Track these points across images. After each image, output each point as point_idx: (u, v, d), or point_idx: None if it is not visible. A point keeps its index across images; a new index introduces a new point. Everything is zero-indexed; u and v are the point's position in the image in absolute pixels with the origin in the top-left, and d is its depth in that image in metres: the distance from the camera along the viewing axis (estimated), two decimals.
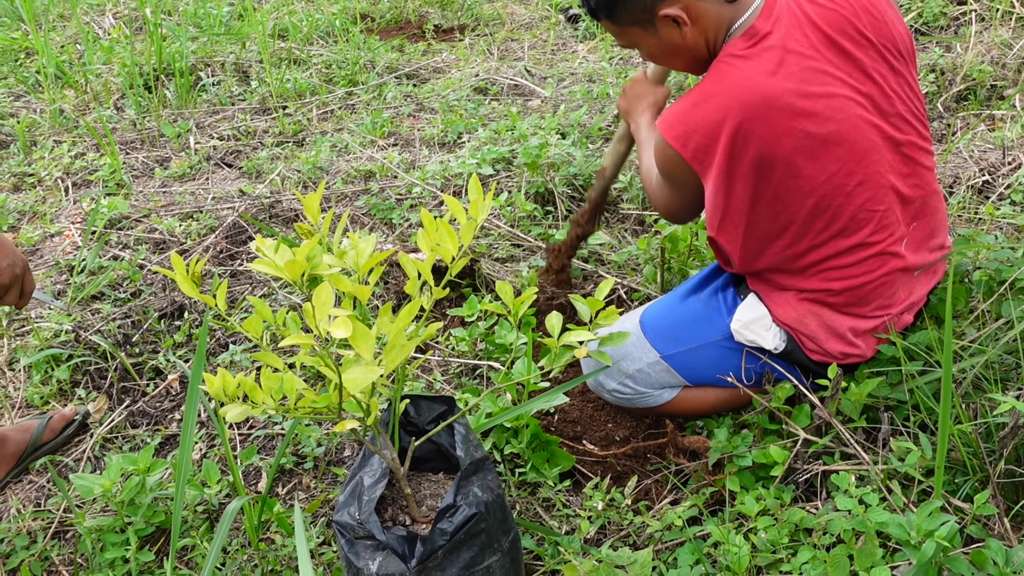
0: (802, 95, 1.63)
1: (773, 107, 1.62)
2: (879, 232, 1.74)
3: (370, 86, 4.23)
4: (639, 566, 1.55)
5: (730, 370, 1.89)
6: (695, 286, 1.98)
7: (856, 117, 1.67)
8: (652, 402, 1.97)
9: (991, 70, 3.42)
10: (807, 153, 1.65)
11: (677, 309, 1.95)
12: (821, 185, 1.68)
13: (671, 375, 1.93)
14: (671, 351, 1.91)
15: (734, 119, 1.63)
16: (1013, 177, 2.78)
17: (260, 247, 1.32)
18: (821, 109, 1.64)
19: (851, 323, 1.79)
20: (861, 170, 1.69)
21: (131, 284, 2.77)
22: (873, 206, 1.72)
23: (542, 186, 3.01)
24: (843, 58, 1.68)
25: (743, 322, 1.85)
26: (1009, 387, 1.72)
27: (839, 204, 1.70)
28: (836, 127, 1.65)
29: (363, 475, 1.52)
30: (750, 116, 1.62)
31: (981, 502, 1.37)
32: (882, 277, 1.77)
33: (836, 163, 1.68)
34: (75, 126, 3.98)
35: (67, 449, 2.22)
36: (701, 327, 1.90)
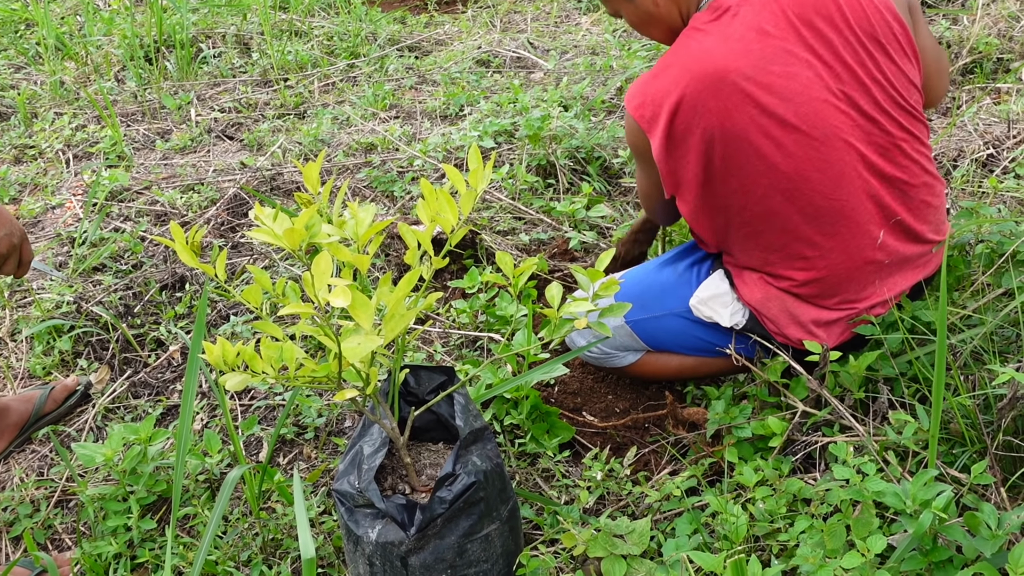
0: (759, 72, 1.60)
1: (724, 81, 1.59)
2: (846, 225, 1.69)
3: (372, 58, 4.21)
4: (637, 535, 1.56)
5: (691, 340, 1.91)
6: (677, 255, 1.98)
7: (821, 102, 1.62)
8: (617, 363, 2.02)
9: (998, 43, 3.39)
10: (763, 132, 1.62)
11: (650, 276, 1.96)
12: (779, 167, 1.64)
13: (633, 339, 1.96)
14: (636, 317, 1.92)
15: (683, 90, 1.61)
16: (1018, 150, 2.77)
17: (259, 216, 1.32)
18: (780, 89, 1.60)
19: (814, 314, 1.77)
20: (824, 157, 1.64)
21: (132, 256, 2.77)
22: (840, 196, 1.67)
23: (544, 159, 2.99)
24: (817, 41, 1.62)
25: (701, 298, 1.85)
26: (1009, 359, 1.72)
27: (801, 190, 1.66)
28: (796, 109, 1.61)
29: (363, 444, 1.53)
30: (700, 88, 1.60)
31: (978, 472, 1.37)
32: (850, 271, 1.73)
33: (797, 147, 1.63)
34: (76, 98, 3.96)
35: (69, 419, 2.23)
36: (667, 297, 1.91)
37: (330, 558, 1.71)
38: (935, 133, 3.04)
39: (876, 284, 1.76)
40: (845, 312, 1.77)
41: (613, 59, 3.80)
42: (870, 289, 1.76)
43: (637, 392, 2.11)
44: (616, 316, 1.49)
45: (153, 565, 1.74)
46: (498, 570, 1.51)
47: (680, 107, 1.63)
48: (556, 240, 2.68)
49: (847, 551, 1.35)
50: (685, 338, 1.92)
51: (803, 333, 1.78)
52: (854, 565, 1.29)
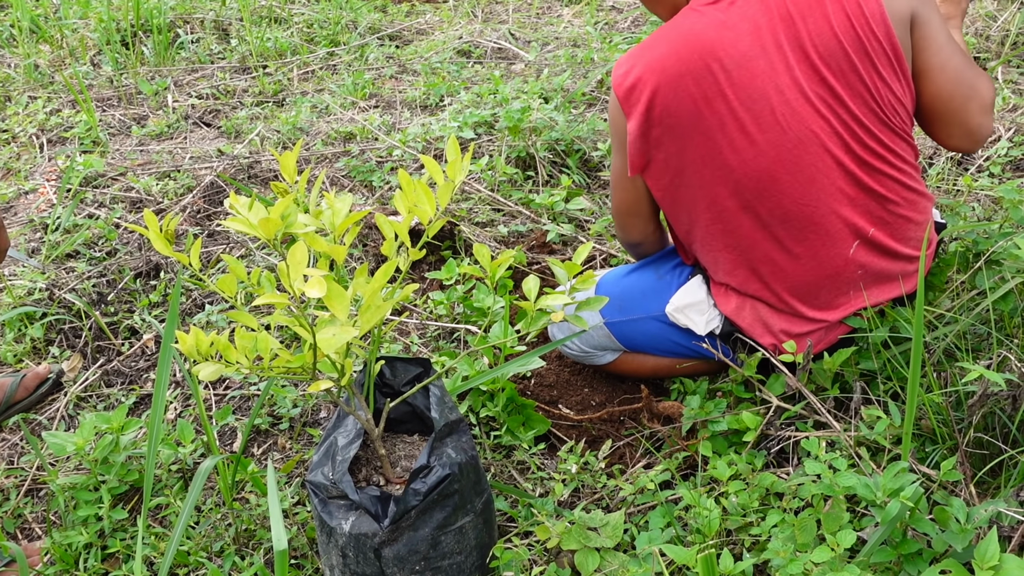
0: (743, 66, 1.58)
1: (709, 68, 1.58)
2: (815, 232, 1.67)
3: (352, 47, 4.18)
4: (611, 528, 1.56)
5: (667, 344, 1.91)
6: (659, 258, 1.97)
7: (800, 104, 1.60)
8: (596, 362, 2.04)
9: (975, 42, 3.42)
10: (737, 127, 1.60)
11: (630, 279, 1.95)
12: (749, 164, 1.62)
13: (611, 340, 1.96)
14: (614, 319, 1.93)
15: (669, 66, 1.60)
16: (992, 149, 2.80)
17: (234, 205, 1.30)
18: (759, 87, 1.59)
19: (784, 324, 1.76)
20: (796, 159, 1.62)
21: (107, 243, 2.74)
22: (810, 201, 1.64)
23: (524, 150, 2.99)
24: (798, 42, 1.60)
25: (677, 306, 1.84)
26: (980, 357, 1.74)
27: (770, 191, 1.64)
28: (771, 108, 1.59)
29: (337, 435, 1.52)
30: (684, 69, 1.59)
31: (948, 468, 1.38)
32: (820, 280, 1.71)
33: (769, 146, 1.61)
34: (50, 82, 3.91)
35: (41, 407, 2.20)
36: (647, 300, 1.90)
37: (303, 549, 1.70)
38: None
39: (850, 295, 1.73)
40: (817, 325, 1.75)
41: (594, 51, 3.79)
42: (842, 299, 1.73)
43: (613, 385, 2.11)
44: (592, 310, 1.49)
45: (124, 555, 1.73)
46: (472, 562, 1.51)
47: (661, 84, 1.61)
48: (535, 233, 2.68)
49: (817, 545, 1.36)
50: (661, 342, 1.91)
51: (775, 340, 1.77)
52: (824, 559, 1.30)
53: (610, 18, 4.31)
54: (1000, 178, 2.67)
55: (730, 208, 1.68)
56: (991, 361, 1.60)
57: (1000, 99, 3.11)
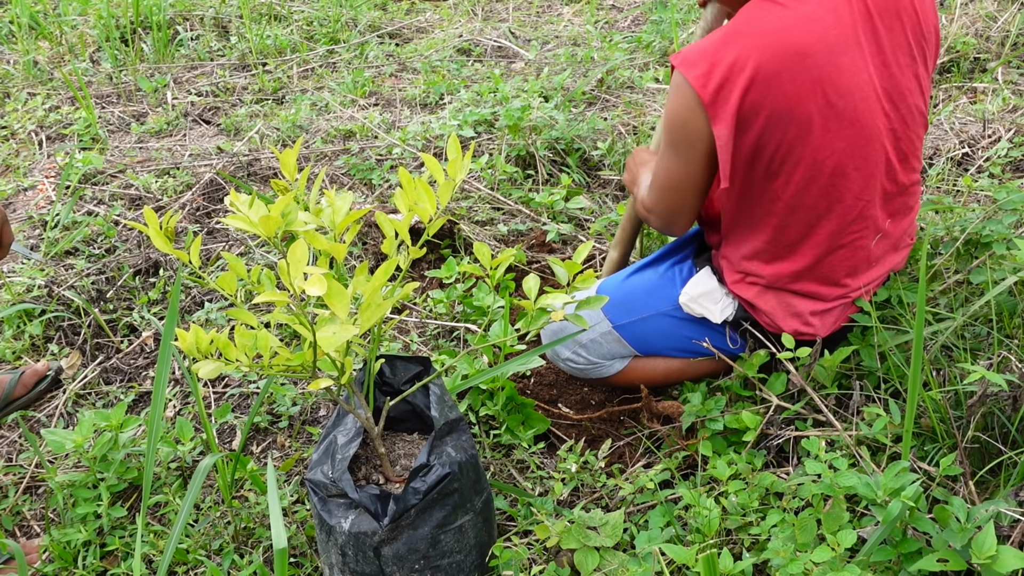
0: (832, 61, 1.55)
1: (803, 65, 1.53)
2: (859, 223, 1.70)
3: (352, 44, 4.18)
4: (611, 527, 1.56)
5: (679, 340, 1.89)
6: (655, 259, 1.97)
7: (872, 99, 1.61)
8: (604, 372, 1.98)
9: (975, 42, 3.42)
10: (823, 124, 1.57)
11: (632, 280, 1.94)
12: (825, 160, 1.61)
13: (622, 345, 1.93)
14: (623, 321, 1.91)
15: (760, 64, 1.52)
16: (992, 150, 2.80)
17: (234, 202, 1.30)
18: (845, 82, 1.56)
19: (811, 306, 1.78)
20: (862, 155, 1.63)
21: (106, 240, 2.73)
22: (863, 195, 1.67)
23: (523, 149, 2.99)
24: (874, 37, 1.60)
25: (691, 295, 1.84)
26: (979, 356, 1.74)
27: (838, 187, 1.64)
28: (853, 104, 1.58)
29: (337, 434, 1.52)
30: (778, 66, 1.52)
31: (947, 464, 1.38)
32: (850, 268, 1.76)
33: (843, 141, 1.61)
34: (50, 78, 3.90)
35: (39, 404, 2.20)
36: (653, 297, 1.90)
37: (302, 548, 1.70)
38: None
39: (864, 273, 1.79)
40: (838, 303, 1.78)
41: (594, 50, 3.79)
42: (860, 278, 1.79)
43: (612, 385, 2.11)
44: (592, 308, 1.48)
45: (123, 553, 1.72)
46: (471, 561, 1.51)
47: (754, 82, 1.52)
48: (534, 231, 2.68)
49: (818, 545, 1.36)
50: (673, 338, 1.90)
51: (799, 324, 1.78)
52: (824, 559, 1.30)
53: (610, 17, 4.31)
54: (1000, 179, 2.67)
55: (797, 203, 1.67)
56: (991, 361, 1.60)
57: (1000, 100, 3.11)
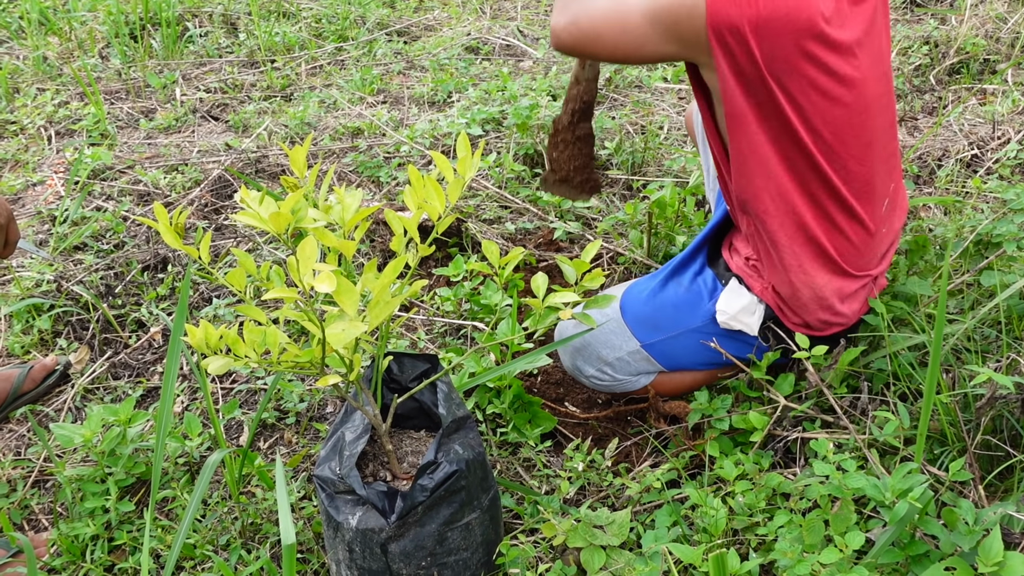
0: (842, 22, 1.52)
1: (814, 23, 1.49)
2: (870, 192, 1.70)
3: (360, 42, 4.18)
4: (617, 527, 1.56)
5: (709, 355, 1.87)
6: (674, 269, 1.93)
7: (872, 66, 1.60)
8: (629, 388, 1.96)
9: (985, 44, 3.41)
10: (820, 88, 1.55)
11: (658, 296, 1.90)
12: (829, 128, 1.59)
13: (649, 363, 1.91)
14: (652, 340, 1.88)
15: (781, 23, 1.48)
16: (1002, 151, 2.79)
17: (244, 198, 1.31)
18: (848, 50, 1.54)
19: (838, 284, 1.75)
20: (862, 123, 1.62)
21: (114, 235, 2.74)
22: (868, 162, 1.66)
23: (531, 148, 2.99)
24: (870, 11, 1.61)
25: (729, 313, 1.81)
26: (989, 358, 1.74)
27: (838, 152, 1.62)
28: (857, 74, 1.56)
29: (344, 431, 1.52)
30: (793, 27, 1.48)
31: (956, 469, 1.38)
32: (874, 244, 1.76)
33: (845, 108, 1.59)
34: (59, 74, 3.91)
35: (48, 399, 2.21)
36: (682, 314, 1.87)
37: (310, 544, 1.71)
38: (920, 132, 3.06)
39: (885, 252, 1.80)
40: (863, 279, 1.78)
41: None
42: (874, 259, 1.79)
43: None
44: (601, 307, 1.48)
45: (131, 547, 1.73)
46: (478, 559, 1.51)
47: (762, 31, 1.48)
48: (542, 230, 2.68)
49: (825, 546, 1.36)
50: (703, 353, 1.87)
51: (830, 315, 1.78)
52: (832, 560, 1.30)
53: None
54: (1010, 180, 2.66)
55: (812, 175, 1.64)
56: (1000, 364, 1.59)
57: (1010, 101, 3.10)
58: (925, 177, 2.79)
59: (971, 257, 2.02)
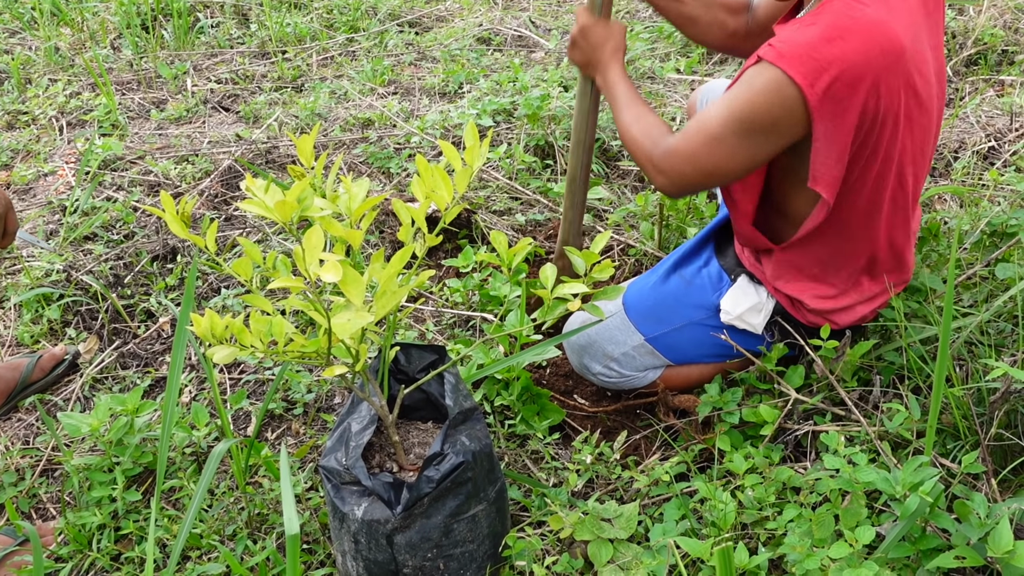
0: (918, 51, 1.51)
1: (901, 59, 1.47)
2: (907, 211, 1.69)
3: (371, 33, 4.17)
4: (625, 519, 1.55)
5: (713, 348, 1.86)
6: (677, 262, 1.92)
7: (935, 85, 1.59)
8: (637, 384, 1.95)
9: (1003, 34, 3.36)
10: (908, 115, 1.53)
11: (660, 289, 1.89)
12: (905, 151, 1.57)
13: (655, 357, 1.89)
14: (655, 333, 1.87)
15: (877, 65, 1.45)
16: (1020, 143, 2.75)
17: (250, 187, 1.30)
18: (926, 71, 1.53)
19: (859, 296, 1.76)
20: (931, 146, 1.62)
21: (124, 226, 2.74)
22: (919, 184, 1.67)
23: (542, 139, 2.97)
24: (929, 18, 1.58)
25: (734, 314, 1.79)
26: (1003, 351, 1.71)
27: (905, 175, 1.60)
28: (929, 93, 1.56)
29: (351, 421, 1.52)
30: (887, 64, 1.46)
31: (969, 462, 1.36)
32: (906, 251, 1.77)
33: (921, 130, 1.57)
34: (70, 65, 3.92)
35: (56, 388, 2.21)
36: (684, 307, 1.85)
37: (315, 534, 1.70)
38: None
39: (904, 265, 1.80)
40: (882, 287, 1.78)
41: None
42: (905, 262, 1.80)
43: None
44: (610, 298, 1.47)
45: (137, 536, 1.73)
46: (484, 551, 1.50)
47: (864, 83, 1.46)
48: (552, 221, 2.66)
49: (835, 541, 1.34)
50: (707, 346, 1.86)
51: (850, 317, 1.77)
52: (842, 555, 1.28)
53: (631, 7, 4.28)
54: None
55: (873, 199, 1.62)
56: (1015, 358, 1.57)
57: None
58: (941, 169, 2.76)
59: (985, 249, 2.00)
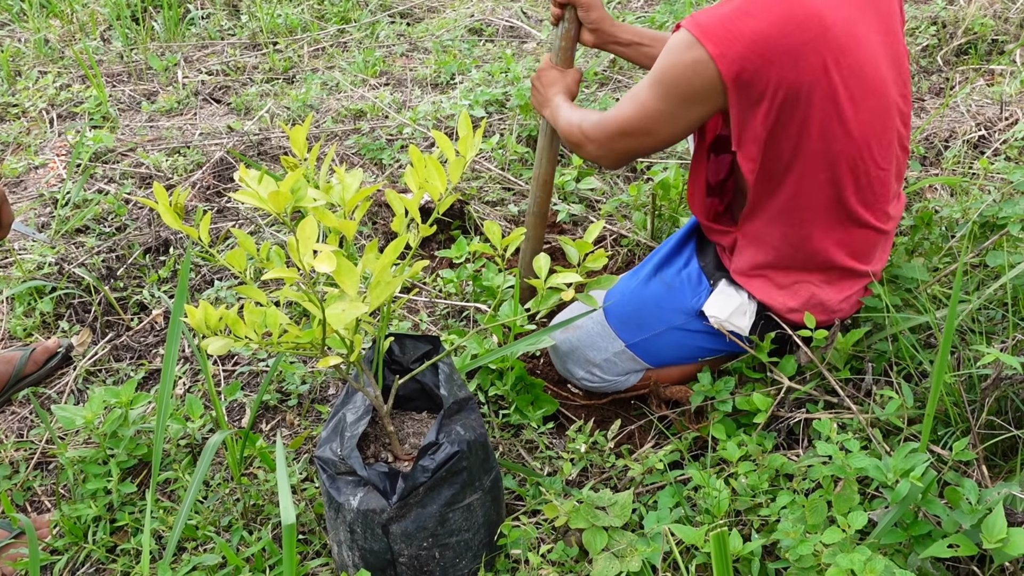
0: (850, 31, 1.51)
1: (824, 36, 1.48)
2: (883, 195, 1.69)
3: (363, 24, 4.15)
4: (619, 507, 1.56)
5: (693, 351, 1.86)
6: (657, 265, 1.91)
7: (884, 68, 1.59)
8: (619, 387, 1.96)
9: (993, 24, 3.37)
10: (848, 95, 1.53)
11: (640, 294, 1.88)
12: (852, 134, 1.57)
13: (635, 362, 1.90)
14: (636, 339, 1.87)
15: (782, 34, 1.47)
16: (1009, 132, 2.76)
17: (243, 178, 1.29)
18: (863, 52, 1.54)
19: (840, 295, 1.76)
20: (884, 126, 1.61)
21: (116, 218, 2.73)
22: (885, 167, 1.65)
23: (534, 129, 2.97)
24: (874, 11, 1.59)
25: (721, 317, 1.78)
26: (994, 339, 1.72)
27: (864, 159, 1.61)
28: (872, 73, 1.55)
29: (346, 412, 1.52)
30: (803, 38, 1.47)
31: (960, 448, 1.37)
32: (876, 239, 1.74)
33: (870, 114, 1.57)
34: (60, 57, 3.90)
35: (50, 381, 2.21)
36: (665, 311, 1.85)
37: (311, 525, 1.71)
38: (927, 113, 3.03)
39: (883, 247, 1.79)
40: (861, 281, 1.77)
41: None
42: (880, 252, 1.78)
43: None
44: (602, 288, 1.47)
45: (133, 529, 1.73)
46: (479, 539, 1.51)
47: (777, 55, 1.48)
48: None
49: (828, 527, 1.36)
50: (688, 350, 1.87)
51: (826, 315, 1.76)
52: (834, 540, 1.29)
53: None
54: (1017, 161, 2.63)
55: (823, 180, 1.62)
56: (1006, 344, 1.58)
57: (1018, 82, 3.07)
58: (932, 158, 2.77)
59: (976, 239, 2.01)
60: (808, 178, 1.62)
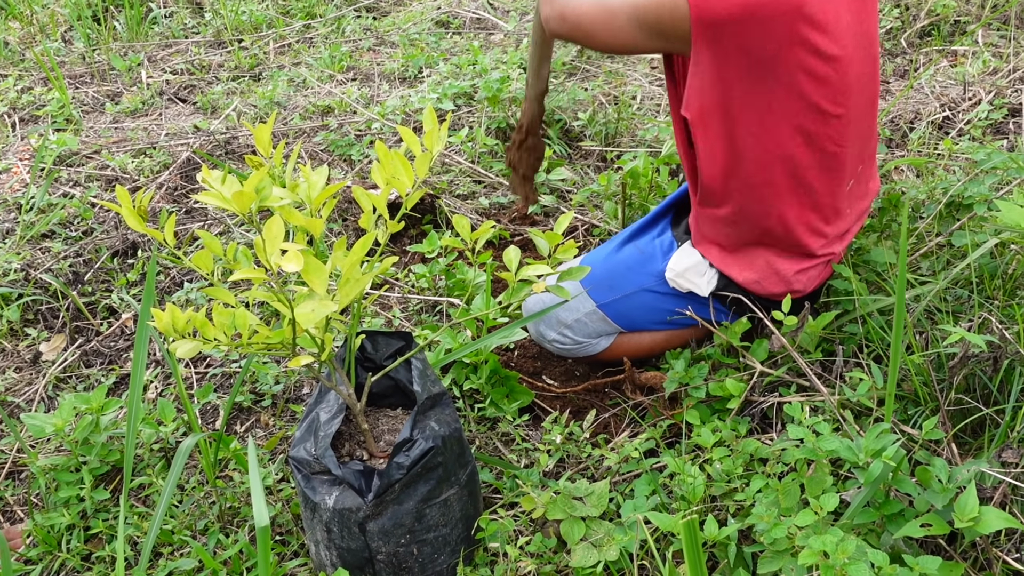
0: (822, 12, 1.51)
1: (798, 12, 1.48)
2: (840, 173, 1.69)
3: (328, 19, 4.12)
4: (596, 497, 1.56)
5: (663, 315, 1.89)
6: (633, 233, 1.95)
7: (857, 47, 1.60)
8: (591, 351, 1.98)
9: (955, 5, 3.40)
10: (813, 73, 1.55)
11: (613, 257, 1.93)
12: (818, 110, 1.59)
13: (606, 323, 1.93)
14: (606, 299, 1.90)
15: (770, 8, 1.47)
16: (973, 113, 2.79)
17: (206, 178, 1.28)
18: (834, 27, 1.54)
19: (796, 266, 1.77)
20: (850, 103, 1.62)
21: (82, 222, 2.70)
22: (845, 143, 1.66)
23: (503, 121, 2.96)
24: None
25: (677, 271, 1.83)
26: (961, 317, 1.74)
27: (821, 133, 1.62)
28: (843, 56, 1.56)
29: (319, 411, 1.51)
30: (783, 10, 1.48)
31: (929, 428, 1.39)
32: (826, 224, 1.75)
33: (832, 89, 1.58)
34: (21, 59, 3.84)
35: (19, 389, 2.18)
36: (635, 274, 1.89)
37: (288, 525, 1.70)
38: (892, 95, 3.06)
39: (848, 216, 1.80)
40: (823, 258, 1.78)
41: None
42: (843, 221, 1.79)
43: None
44: (574, 279, 1.47)
45: (107, 535, 1.71)
46: (457, 534, 1.51)
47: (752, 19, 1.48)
48: (516, 204, 2.66)
49: (801, 509, 1.37)
50: (657, 312, 1.90)
51: (784, 286, 1.78)
52: (808, 522, 1.30)
53: None
54: (981, 141, 2.66)
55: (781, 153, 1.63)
56: (972, 323, 1.60)
57: (980, 62, 3.10)
58: (897, 140, 2.80)
59: (943, 220, 2.03)
60: (765, 151, 1.63)
